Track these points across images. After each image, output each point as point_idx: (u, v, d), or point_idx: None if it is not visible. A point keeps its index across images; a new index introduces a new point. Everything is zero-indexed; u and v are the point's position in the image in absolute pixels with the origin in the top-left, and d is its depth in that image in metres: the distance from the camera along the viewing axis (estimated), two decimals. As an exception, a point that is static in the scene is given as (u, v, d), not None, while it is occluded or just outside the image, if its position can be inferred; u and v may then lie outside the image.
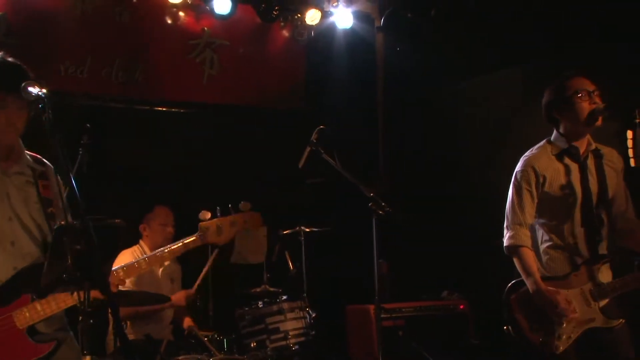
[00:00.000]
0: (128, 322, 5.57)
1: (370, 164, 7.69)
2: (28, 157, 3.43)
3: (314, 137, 5.10)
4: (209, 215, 3.73)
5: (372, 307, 5.89)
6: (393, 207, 4.84)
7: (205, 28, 7.30)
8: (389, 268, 6.66)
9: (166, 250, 3.73)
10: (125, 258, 5.56)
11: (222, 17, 7.18)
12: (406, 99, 7.77)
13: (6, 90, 3.14)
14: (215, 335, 5.51)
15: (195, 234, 3.73)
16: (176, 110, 7.26)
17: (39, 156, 3.47)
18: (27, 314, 3.16)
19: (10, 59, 3.28)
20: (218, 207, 3.76)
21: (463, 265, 6.60)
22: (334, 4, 7.53)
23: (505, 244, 4.12)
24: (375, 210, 4.78)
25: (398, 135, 7.89)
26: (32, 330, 3.17)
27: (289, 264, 6.32)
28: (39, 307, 3.18)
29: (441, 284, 6.84)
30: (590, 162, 4.07)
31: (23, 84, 2.94)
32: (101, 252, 2.76)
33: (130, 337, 5.53)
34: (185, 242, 3.73)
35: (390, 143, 7.93)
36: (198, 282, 5.82)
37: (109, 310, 4.22)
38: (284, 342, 5.54)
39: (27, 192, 3.33)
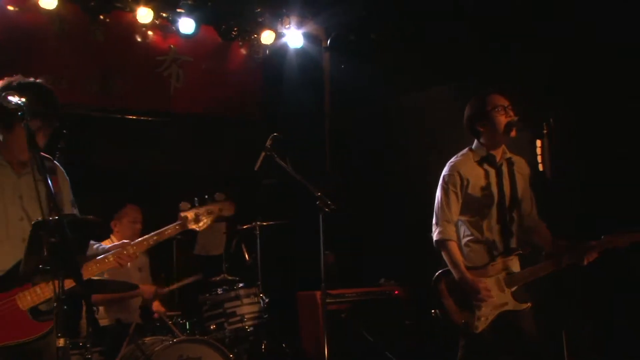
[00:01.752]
0: (100, 308, 5.49)
1: (318, 167, 7.71)
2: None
3: (268, 143, 5.10)
4: (188, 205, 3.59)
5: (319, 293, 5.90)
6: (338, 204, 4.88)
7: (172, 46, 7.27)
8: (335, 258, 6.67)
9: (153, 238, 3.51)
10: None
11: (186, 36, 7.19)
12: (351, 110, 7.81)
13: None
14: (179, 319, 5.48)
15: (176, 223, 3.56)
16: (145, 118, 7.20)
17: (47, 155, 3.40)
18: (29, 297, 3.13)
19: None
20: (196, 198, 3.61)
21: (399, 256, 6.64)
22: (287, 26, 7.56)
23: (434, 238, 4.13)
24: (322, 207, 4.81)
25: (344, 141, 7.93)
26: (35, 310, 3.14)
27: (245, 255, 6.30)
28: (38, 290, 3.14)
29: (380, 272, 6.88)
30: (505, 169, 4.14)
31: (3, 94, 2.88)
32: (75, 245, 2.74)
33: (103, 321, 5.45)
34: (167, 230, 3.54)
35: (337, 148, 7.97)
36: (172, 288, 5.79)
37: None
38: (240, 325, 5.56)
39: (38, 190, 3.24)
